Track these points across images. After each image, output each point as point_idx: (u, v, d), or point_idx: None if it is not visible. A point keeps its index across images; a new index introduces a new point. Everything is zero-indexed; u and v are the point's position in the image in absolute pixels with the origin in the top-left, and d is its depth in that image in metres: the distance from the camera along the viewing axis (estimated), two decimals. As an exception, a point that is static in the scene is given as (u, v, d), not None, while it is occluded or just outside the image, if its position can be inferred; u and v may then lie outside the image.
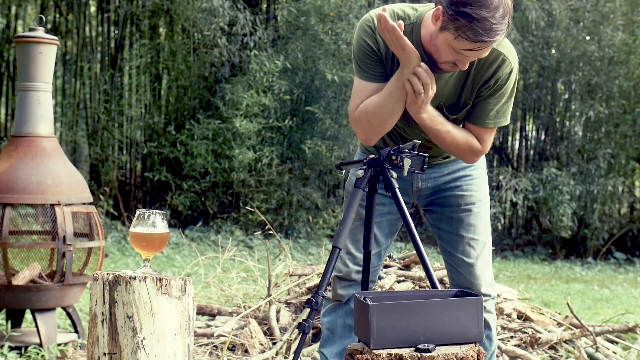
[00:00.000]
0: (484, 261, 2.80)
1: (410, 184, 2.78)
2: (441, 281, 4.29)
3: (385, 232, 2.81)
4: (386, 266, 4.47)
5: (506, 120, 2.67)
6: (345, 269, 2.78)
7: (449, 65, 2.46)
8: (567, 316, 4.57)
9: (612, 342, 4.48)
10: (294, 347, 3.81)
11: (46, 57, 3.86)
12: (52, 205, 3.78)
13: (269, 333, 4.12)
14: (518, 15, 10.23)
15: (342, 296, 2.81)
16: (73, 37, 10.90)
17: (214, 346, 3.98)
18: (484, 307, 2.81)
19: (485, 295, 2.79)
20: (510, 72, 2.56)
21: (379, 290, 3.97)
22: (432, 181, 2.79)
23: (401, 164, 2.41)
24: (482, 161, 2.86)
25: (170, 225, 9.39)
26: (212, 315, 4.66)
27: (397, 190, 2.48)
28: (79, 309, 4.69)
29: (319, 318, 4.06)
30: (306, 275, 4.60)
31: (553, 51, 10.98)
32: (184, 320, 2.07)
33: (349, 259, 2.78)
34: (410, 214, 2.51)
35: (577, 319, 4.28)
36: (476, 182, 2.81)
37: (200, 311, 4.65)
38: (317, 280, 4.47)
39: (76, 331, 4.01)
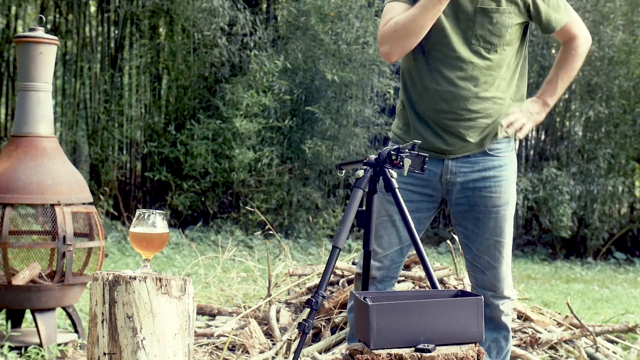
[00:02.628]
0: (507, 264, 2.83)
1: (440, 176, 2.78)
2: (441, 281, 4.29)
3: None
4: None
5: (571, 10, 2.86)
6: None
7: None
8: (567, 316, 4.56)
9: (612, 342, 4.47)
10: (294, 347, 3.81)
11: (46, 57, 3.86)
12: (52, 205, 3.78)
13: (269, 333, 4.11)
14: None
15: None
16: (73, 37, 10.90)
17: (214, 346, 3.98)
18: (502, 310, 2.83)
19: (506, 297, 2.82)
20: None
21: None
22: (462, 175, 2.77)
23: (401, 164, 2.41)
24: (513, 163, 2.86)
25: (170, 225, 9.39)
26: (212, 315, 4.66)
27: (397, 190, 2.48)
28: (79, 309, 4.69)
29: (319, 318, 4.07)
30: (306, 275, 4.60)
31: (553, 51, 10.97)
32: (184, 320, 2.07)
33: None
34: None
35: (577, 319, 4.28)
36: (505, 184, 2.80)
37: (200, 311, 4.65)
38: (317, 280, 4.47)
39: (76, 331, 4.01)
